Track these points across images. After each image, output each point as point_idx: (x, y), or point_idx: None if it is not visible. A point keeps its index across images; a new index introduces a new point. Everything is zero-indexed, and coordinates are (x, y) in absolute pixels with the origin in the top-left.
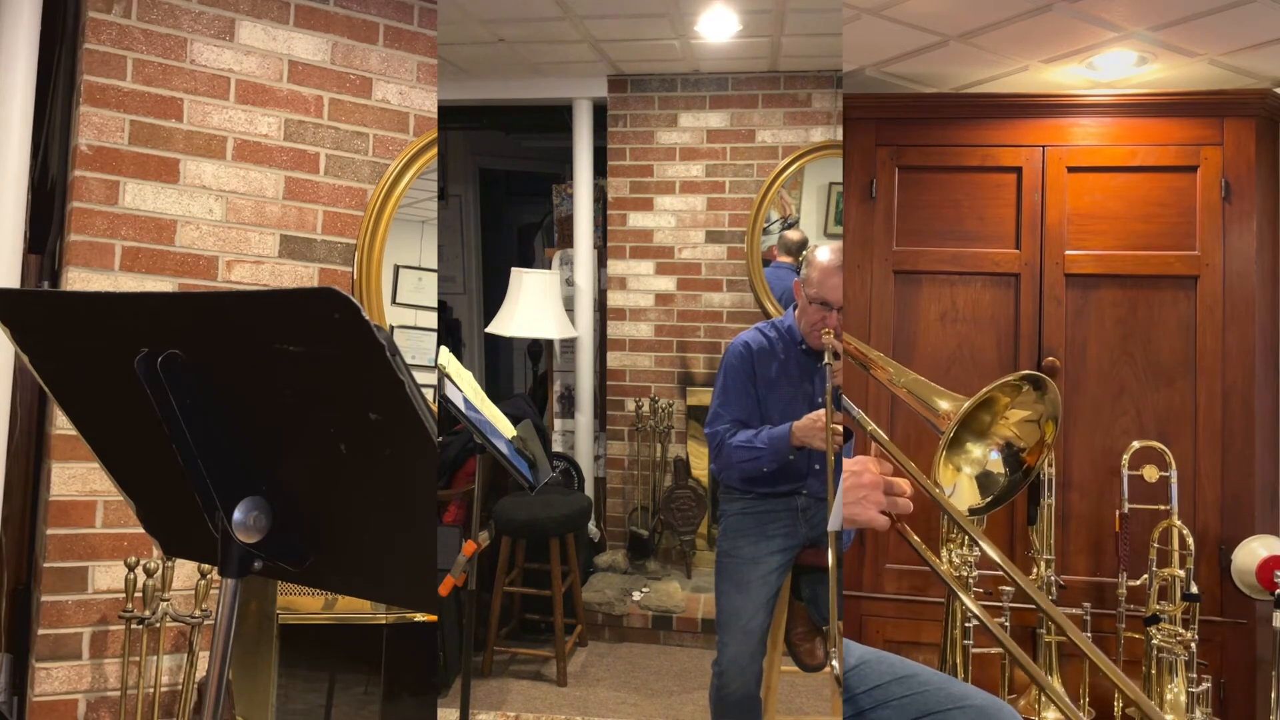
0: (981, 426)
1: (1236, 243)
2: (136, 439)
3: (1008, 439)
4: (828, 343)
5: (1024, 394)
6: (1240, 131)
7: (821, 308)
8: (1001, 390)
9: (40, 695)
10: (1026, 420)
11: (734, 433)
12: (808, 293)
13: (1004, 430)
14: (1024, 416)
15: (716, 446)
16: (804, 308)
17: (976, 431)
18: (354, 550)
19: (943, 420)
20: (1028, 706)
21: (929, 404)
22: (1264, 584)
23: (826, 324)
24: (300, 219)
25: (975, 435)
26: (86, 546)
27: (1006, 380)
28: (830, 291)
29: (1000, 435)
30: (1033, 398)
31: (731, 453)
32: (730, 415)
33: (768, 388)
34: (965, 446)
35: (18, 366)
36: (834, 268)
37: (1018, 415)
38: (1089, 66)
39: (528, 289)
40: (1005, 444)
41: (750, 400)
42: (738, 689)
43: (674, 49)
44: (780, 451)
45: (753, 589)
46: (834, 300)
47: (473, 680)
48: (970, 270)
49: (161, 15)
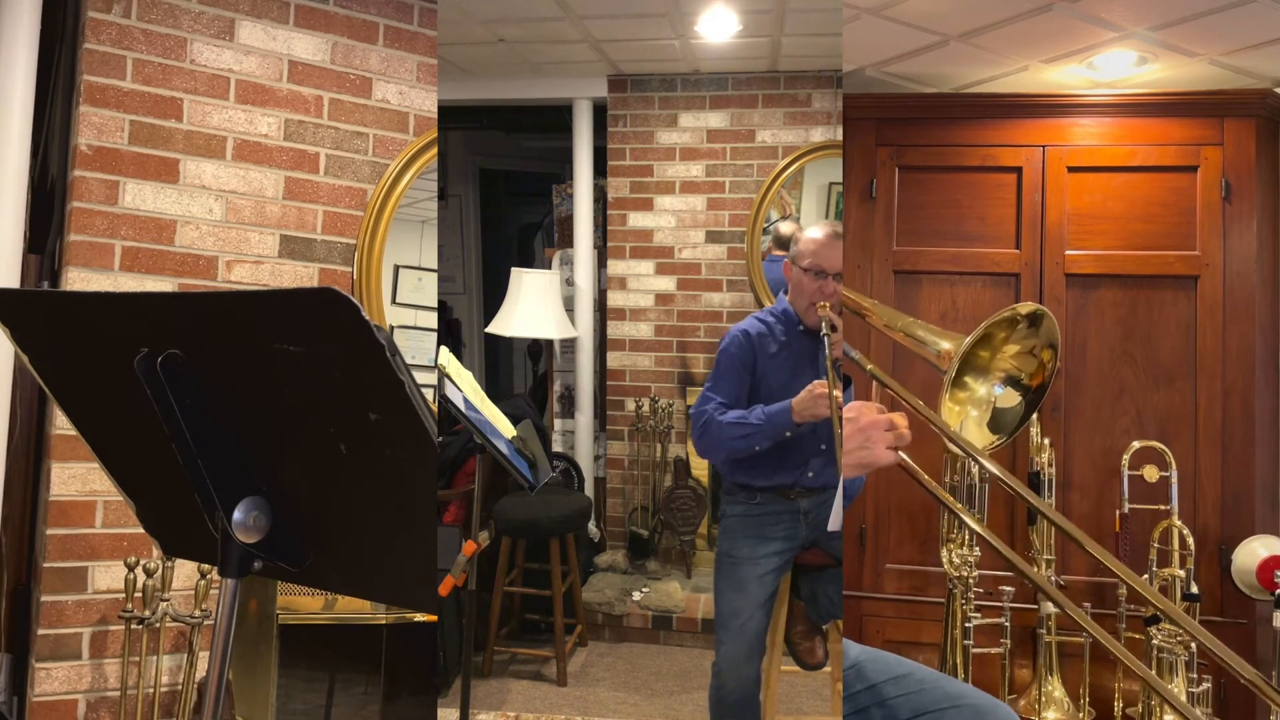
0: (982, 364)
1: (1236, 243)
2: (136, 439)
3: (1008, 372)
4: (823, 314)
5: (1019, 329)
6: (1240, 131)
7: (816, 277)
8: (998, 326)
9: (40, 695)
10: (1022, 353)
11: (723, 411)
12: (800, 265)
13: (1003, 364)
14: (1019, 349)
15: (703, 425)
16: (798, 284)
17: (977, 369)
18: (354, 550)
19: (943, 359)
20: (1028, 706)
21: (928, 344)
22: (1264, 584)
23: (823, 292)
24: (300, 219)
25: (976, 373)
26: (86, 546)
27: (1003, 315)
28: (825, 259)
29: (1000, 369)
30: (1027, 331)
31: (721, 429)
32: (720, 397)
33: (769, 370)
34: (968, 386)
35: (18, 366)
36: (827, 237)
37: (1013, 349)
38: (1089, 66)
39: (528, 289)
40: (1007, 377)
41: (743, 388)
42: (735, 689)
43: (674, 49)
44: (778, 428)
45: (750, 589)
46: (829, 266)
47: (473, 680)
48: (970, 270)
49: (161, 15)
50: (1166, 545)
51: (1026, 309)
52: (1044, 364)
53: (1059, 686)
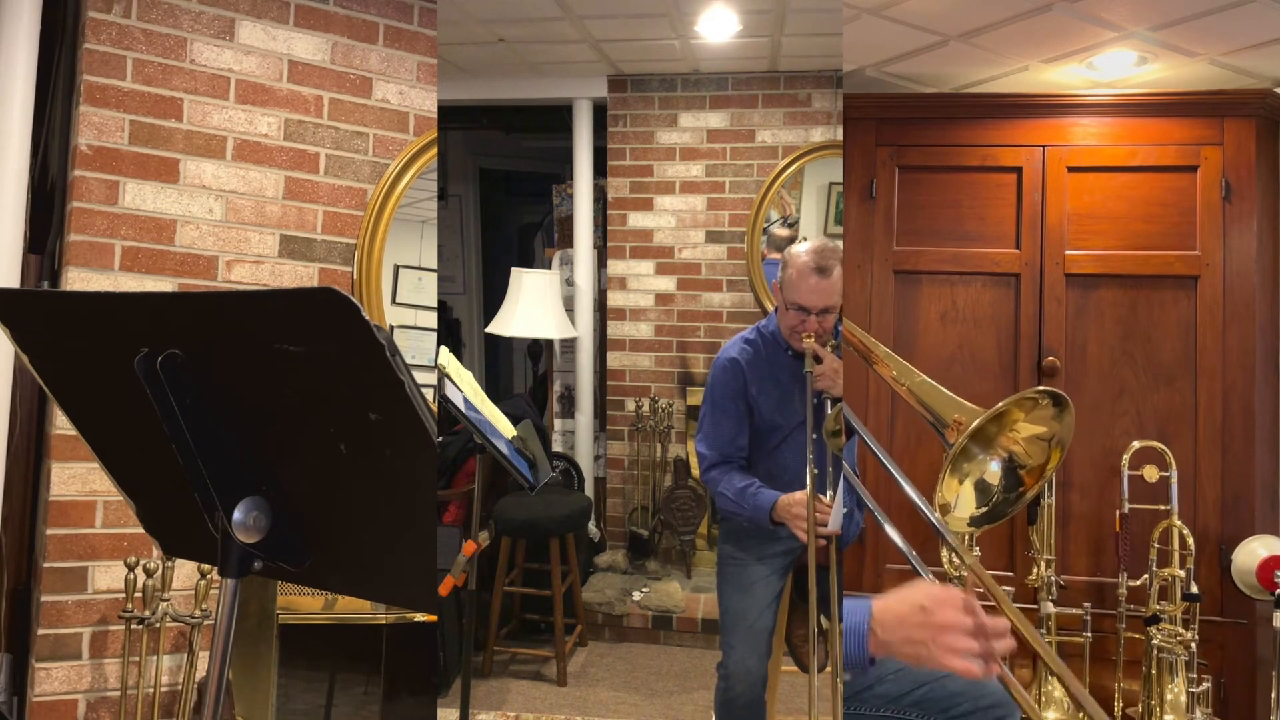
0: (988, 436)
1: (1236, 243)
2: (136, 439)
3: (1012, 453)
4: (808, 346)
5: (1040, 409)
6: (1240, 131)
7: (798, 312)
8: (1018, 404)
9: (40, 695)
10: (1036, 438)
11: (723, 476)
12: (785, 296)
13: (1010, 444)
14: (1035, 433)
15: (703, 473)
16: (782, 310)
17: (982, 440)
18: (354, 550)
19: (951, 431)
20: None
21: (937, 412)
22: (1264, 584)
23: (805, 328)
24: (300, 219)
25: (980, 444)
26: (86, 546)
27: (1026, 395)
28: (805, 295)
29: (1005, 448)
30: (1049, 414)
31: (716, 494)
32: (716, 446)
33: (759, 395)
34: (969, 452)
35: (18, 366)
36: (808, 269)
37: (1028, 431)
38: (1089, 66)
39: (528, 289)
40: (1009, 457)
41: (738, 419)
42: (744, 692)
43: (674, 49)
44: (760, 521)
45: (756, 590)
46: (809, 304)
47: (473, 680)
48: (970, 270)
49: (161, 15)
50: (1166, 545)
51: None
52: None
53: (1059, 686)
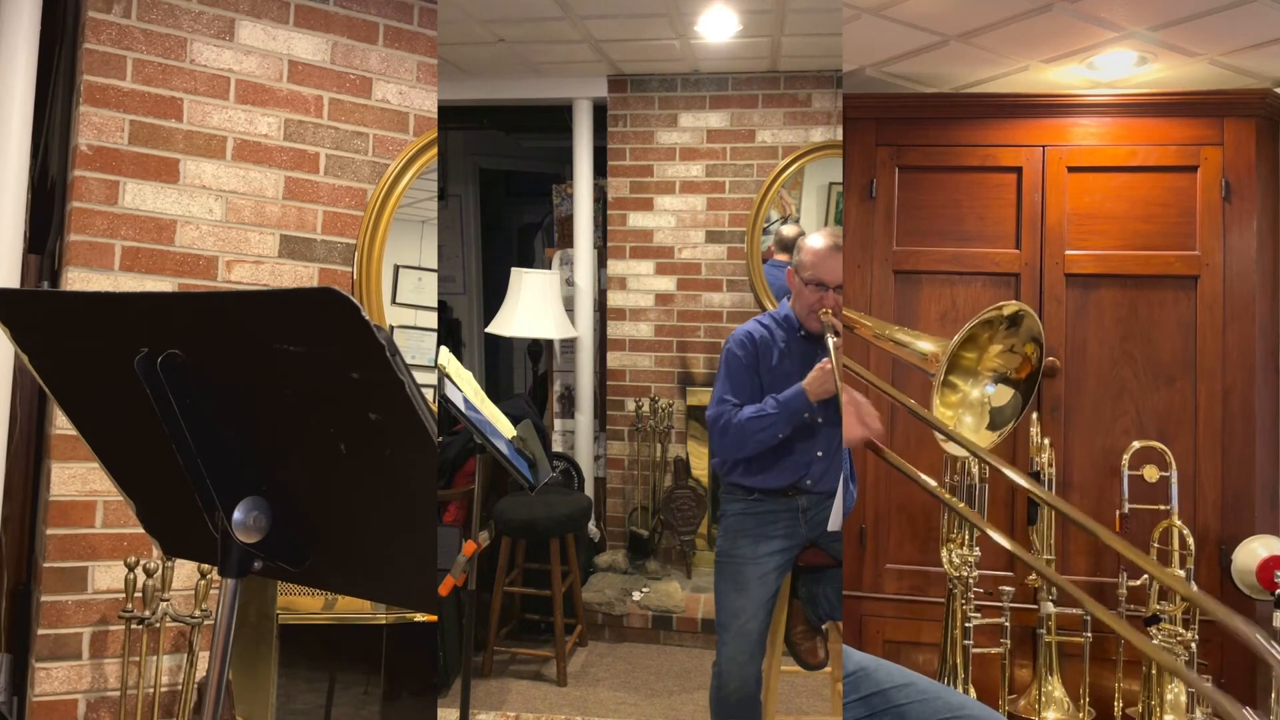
0: (969, 365)
1: (1236, 243)
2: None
3: (995, 370)
4: (827, 321)
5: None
6: (1240, 131)
7: (817, 288)
8: (981, 326)
9: (40, 695)
10: (1005, 350)
11: (737, 411)
12: (802, 276)
13: (990, 364)
14: (1002, 348)
15: (723, 426)
16: (799, 292)
17: (965, 371)
18: (354, 550)
19: (929, 362)
20: (1028, 706)
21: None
22: (1264, 584)
23: (824, 304)
24: (300, 219)
25: (964, 375)
26: (86, 546)
27: (985, 315)
28: (826, 272)
29: (988, 369)
30: (1007, 331)
31: (744, 425)
32: (734, 397)
33: (771, 376)
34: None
35: (18, 366)
36: (828, 249)
37: (997, 348)
38: (1089, 66)
39: (528, 289)
40: (996, 375)
41: (754, 388)
42: (736, 689)
43: (674, 49)
44: (795, 411)
45: (751, 589)
46: (829, 279)
47: (473, 680)
48: (970, 270)
49: (161, 15)
50: (1166, 545)
51: (1009, 309)
52: (1028, 357)
53: (1059, 686)
